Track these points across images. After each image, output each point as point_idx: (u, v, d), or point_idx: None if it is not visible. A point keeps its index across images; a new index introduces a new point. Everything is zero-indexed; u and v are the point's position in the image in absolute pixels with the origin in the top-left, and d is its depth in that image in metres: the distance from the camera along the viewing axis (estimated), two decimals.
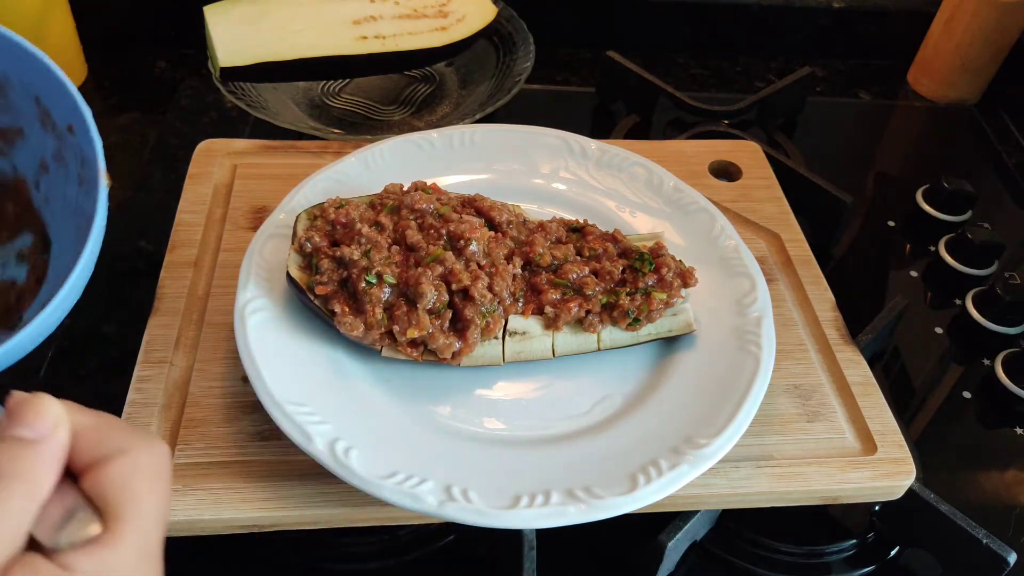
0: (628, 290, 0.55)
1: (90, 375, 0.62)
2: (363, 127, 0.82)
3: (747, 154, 0.75)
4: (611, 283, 0.56)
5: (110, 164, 0.82)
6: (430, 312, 0.52)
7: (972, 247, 0.74)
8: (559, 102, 0.93)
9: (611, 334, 0.56)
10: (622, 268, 0.57)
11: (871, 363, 0.60)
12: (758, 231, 0.69)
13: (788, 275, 0.65)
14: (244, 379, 0.52)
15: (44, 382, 0.60)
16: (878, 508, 0.56)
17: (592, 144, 0.69)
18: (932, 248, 0.78)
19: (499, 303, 0.54)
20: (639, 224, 0.65)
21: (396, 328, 0.52)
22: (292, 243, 0.56)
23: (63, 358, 0.62)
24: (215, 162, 0.69)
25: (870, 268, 0.77)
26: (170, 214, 0.65)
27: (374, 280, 0.52)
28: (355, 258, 0.53)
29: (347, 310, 0.52)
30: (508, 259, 0.56)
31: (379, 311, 0.52)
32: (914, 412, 0.65)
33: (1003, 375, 0.66)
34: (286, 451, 0.50)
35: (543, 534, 0.50)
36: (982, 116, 0.96)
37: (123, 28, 0.93)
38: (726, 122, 0.86)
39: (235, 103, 0.75)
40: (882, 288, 0.76)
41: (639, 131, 0.88)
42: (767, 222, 0.69)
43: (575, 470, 0.49)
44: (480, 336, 0.53)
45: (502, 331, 0.54)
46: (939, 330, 0.71)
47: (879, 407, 0.56)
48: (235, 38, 0.74)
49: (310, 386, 0.51)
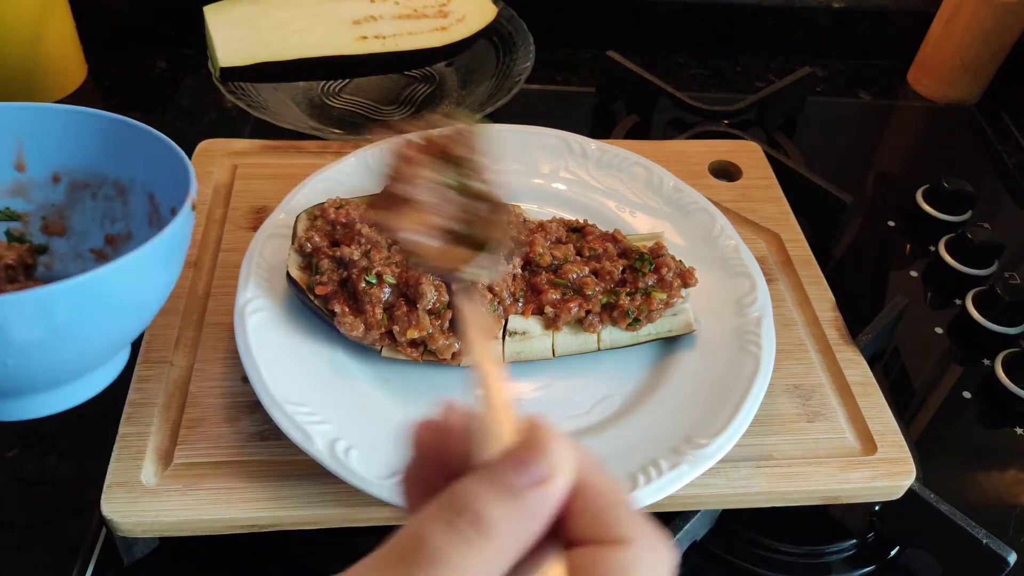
0: (628, 290, 0.55)
1: None
2: (363, 127, 0.82)
3: (747, 154, 0.75)
4: (611, 283, 0.56)
5: None
6: (430, 312, 0.52)
7: (972, 247, 0.74)
8: (559, 102, 0.93)
9: (611, 334, 0.56)
10: (622, 268, 0.57)
11: (871, 363, 0.60)
12: (758, 231, 0.69)
13: (788, 275, 0.65)
14: (244, 379, 0.52)
15: None
16: (878, 508, 0.56)
17: (592, 144, 0.69)
18: (932, 248, 0.78)
19: (499, 303, 0.54)
20: (639, 224, 0.65)
21: (396, 328, 0.52)
22: (292, 243, 0.56)
23: None
24: (215, 162, 0.69)
25: (870, 268, 0.77)
26: None
27: (374, 280, 0.52)
28: (355, 258, 0.53)
29: (347, 310, 0.52)
30: (508, 259, 0.56)
31: (379, 311, 0.52)
32: (914, 412, 0.65)
33: (1003, 375, 0.66)
34: (286, 451, 0.50)
35: None
36: (982, 116, 0.96)
37: (123, 28, 0.92)
38: (726, 122, 0.86)
39: (235, 103, 0.75)
40: (882, 288, 0.76)
41: (639, 131, 0.88)
42: (767, 222, 0.69)
43: None
44: None
45: (502, 331, 0.54)
46: (939, 330, 0.71)
47: (879, 407, 0.56)
48: (235, 38, 0.74)
49: (310, 386, 0.51)
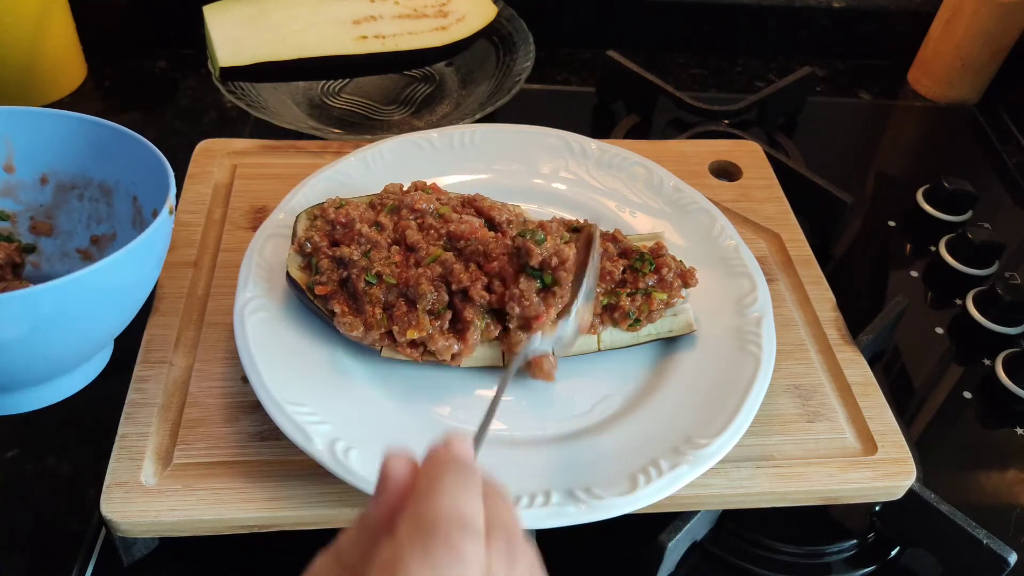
0: (628, 290, 0.55)
1: None
2: (363, 127, 0.82)
3: (747, 154, 0.75)
4: (612, 283, 0.56)
5: None
6: (430, 313, 0.52)
7: (972, 247, 0.74)
8: (559, 102, 0.93)
9: (611, 335, 0.56)
10: (622, 268, 0.56)
11: (871, 363, 0.60)
12: (758, 231, 0.69)
13: (788, 275, 0.65)
14: (244, 379, 0.52)
15: None
16: (878, 508, 0.56)
17: (592, 144, 0.69)
18: (932, 248, 0.78)
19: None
20: (639, 224, 0.65)
21: (396, 329, 0.52)
22: (292, 243, 0.56)
23: None
24: (215, 162, 0.69)
25: (870, 268, 0.77)
26: None
27: (374, 280, 0.52)
28: (355, 258, 0.53)
29: (347, 310, 0.52)
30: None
31: (379, 311, 0.52)
32: (914, 412, 0.65)
33: (1003, 375, 0.66)
34: (286, 451, 0.50)
35: (543, 534, 0.50)
36: (982, 116, 0.96)
37: (123, 28, 0.92)
38: (726, 122, 0.86)
39: (235, 103, 0.75)
40: (882, 288, 0.76)
41: (639, 131, 0.88)
42: (767, 222, 0.69)
43: (575, 470, 0.49)
44: (480, 337, 0.53)
45: (500, 333, 0.54)
46: (939, 330, 0.71)
47: (879, 407, 0.56)
48: (235, 38, 0.74)
49: (310, 386, 0.51)
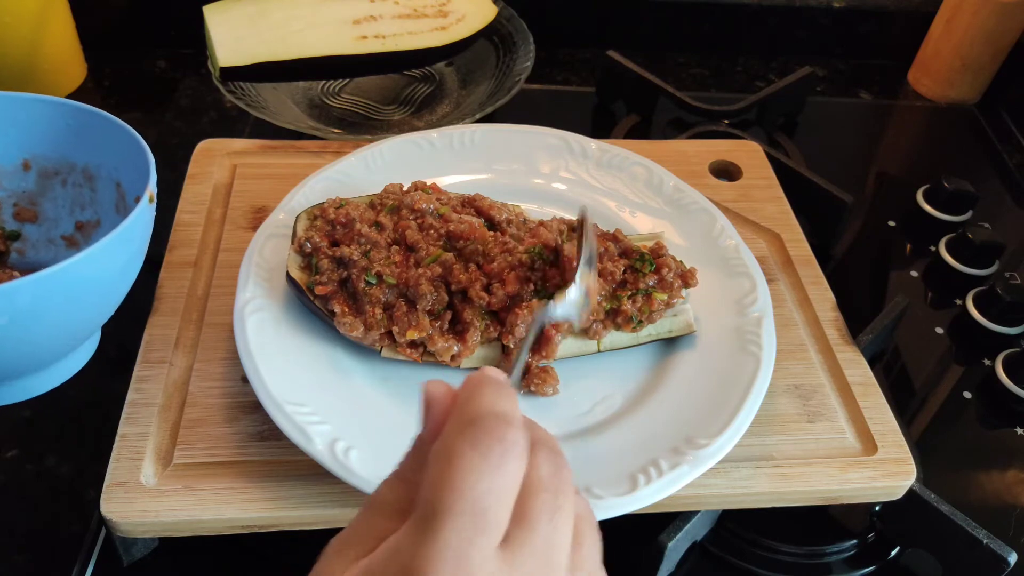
0: (629, 292, 0.55)
1: (90, 375, 0.61)
2: (363, 127, 0.82)
3: (747, 154, 0.75)
4: (613, 283, 0.56)
5: None
6: (429, 313, 0.52)
7: (972, 247, 0.74)
8: (559, 102, 0.93)
9: (611, 336, 0.56)
10: (623, 268, 0.56)
11: (871, 363, 0.60)
12: (758, 231, 0.69)
13: (788, 275, 0.65)
14: (244, 379, 0.52)
15: None
16: (878, 508, 0.56)
17: (592, 144, 0.69)
18: (932, 248, 0.78)
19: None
20: (639, 224, 0.65)
21: (396, 329, 0.52)
22: (292, 243, 0.56)
23: None
24: (215, 162, 0.69)
25: (870, 268, 0.77)
26: (169, 214, 0.65)
27: (374, 280, 0.52)
28: (355, 258, 0.53)
29: (347, 310, 0.52)
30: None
31: (379, 311, 0.52)
32: (914, 412, 0.65)
33: (1003, 375, 0.66)
34: (286, 451, 0.50)
35: None
36: (982, 116, 0.96)
37: (123, 28, 0.92)
38: (726, 122, 0.86)
39: (235, 103, 0.75)
40: (882, 288, 0.76)
41: (639, 131, 0.88)
42: (767, 222, 0.69)
43: (575, 470, 0.48)
44: (480, 338, 0.53)
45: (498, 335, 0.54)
46: (939, 330, 0.71)
47: (879, 407, 0.56)
48: (235, 38, 0.74)
49: (310, 386, 0.51)
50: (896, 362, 0.68)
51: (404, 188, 0.59)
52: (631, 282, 0.56)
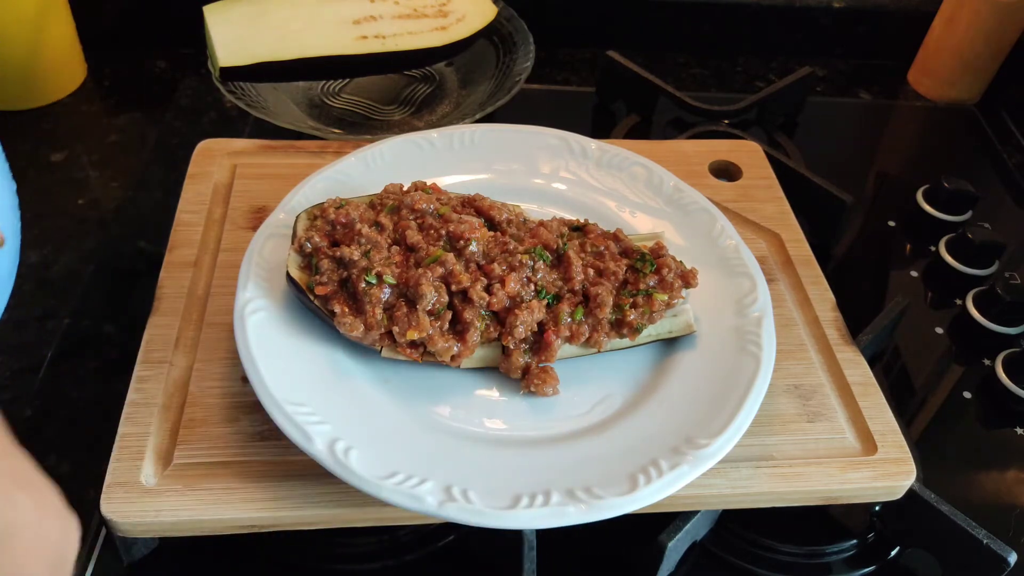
0: (631, 302, 0.55)
1: (90, 375, 0.62)
2: (363, 127, 0.82)
3: (747, 154, 0.75)
4: (616, 282, 0.56)
5: (110, 164, 0.83)
6: (430, 313, 0.52)
7: (972, 247, 0.74)
8: (559, 102, 0.93)
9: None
10: (624, 268, 0.56)
11: (871, 363, 0.60)
12: (758, 231, 0.69)
13: (788, 275, 0.65)
14: (244, 379, 0.52)
15: (43, 382, 0.60)
16: (878, 508, 0.56)
17: (592, 144, 0.69)
18: (932, 248, 0.78)
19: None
20: (639, 224, 0.65)
21: (396, 329, 0.52)
22: (292, 243, 0.56)
23: (63, 358, 0.62)
24: (215, 162, 0.69)
25: (870, 268, 0.77)
26: (170, 214, 0.65)
27: (374, 280, 0.52)
28: (355, 258, 0.53)
29: (347, 310, 0.52)
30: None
31: (379, 311, 0.52)
32: (914, 412, 0.65)
33: (1003, 375, 0.66)
34: (286, 451, 0.50)
35: (543, 534, 0.50)
36: (982, 116, 0.96)
37: (123, 28, 0.92)
38: (726, 122, 0.86)
39: (235, 103, 0.75)
40: (882, 288, 0.76)
41: (639, 131, 0.88)
42: (767, 222, 0.69)
43: (575, 470, 0.49)
44: (480, 338, 0.53)
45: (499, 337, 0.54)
46: (939, 330, 0.71)
47: (879, 407, 0.56)
48: (235, 38, 0.74)
49: (310, 386, 0.51)
50: (896, 362, 0.68)
51: (404, 188, 0.59)
52: (632, 282, 0.56)
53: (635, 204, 0.66)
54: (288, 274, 0.54)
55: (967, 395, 0.66)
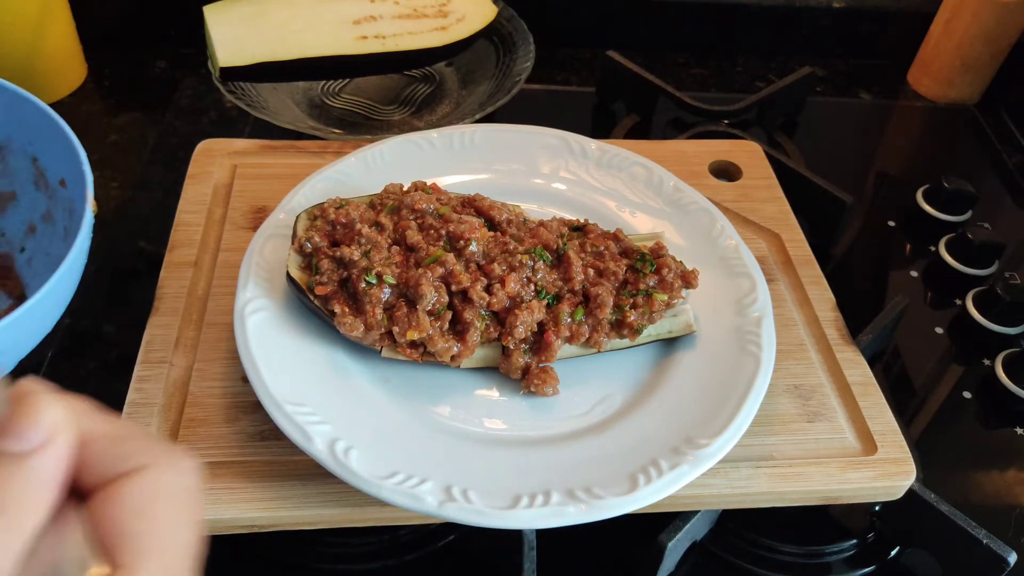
0: (631, 303, 0.55)
1: (90, 375, 0.62)
2: (363, 127, 0.82)
3: (747, 154, 0.75)
4: (616, 282, 0.56)
5: (110, 164, 0.83)
6: (430, 314, 0.52)
7: (972, 247, 0.74)
8: (559, 102, 0.93)
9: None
10: (624, 268, 0.56)
11: (871, 363, 0.60)
12: (758, 231, 0.69)
13: (788, 275, 0.65)
14: (244, 379, 0.52)
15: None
16: (878, 508, 0.56)
17: (592, 144, 0.69)
18: (932, 248, 0.78)
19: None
20: (639, 224, 0.65)
21: (396, 329, 0.52)
22: (292, 243, 0.56)
23: (63, 358, 0.62)
24: (215, 162, 0.69)
25: (870, 268, 0.77)
26: (170, 214, 0.65)
27: (374, 280, 0.52)
28: (355, 258, 0.53)
29: (347, 310, 0.52)
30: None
31: (379, 312, 0.52)
32: (914, 412, 0.65)
33: (1003, 375, 0.66)
34: (286, 451, 0.50)
35: (543, 534, 0.50)
36: (982, 116, 0.96)
37: (123, 28, 0.92)
38: (726, 122, 0.86)
39: (235, 103, 0.75)
40: (882, 288, 0.76)
41: (639, 131, 0.88)
42: (767, 222, 0.69)
43: (575, 470, 0.49)
44: (480, 339, 0.53)
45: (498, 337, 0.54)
46: (939, 330, 0.71)
47: (879, 407, 0.56)
48: (235, 38, 0.74)
49: (310, 386, 0.51)
50: (896, 362, 0.68)
51: (404, 188, 0.59)
52: (632, 282, 0.56)
53: (635, 204, 0.66)
54: (288, 274, 0.54)
55: (967, 395, 0.66)
